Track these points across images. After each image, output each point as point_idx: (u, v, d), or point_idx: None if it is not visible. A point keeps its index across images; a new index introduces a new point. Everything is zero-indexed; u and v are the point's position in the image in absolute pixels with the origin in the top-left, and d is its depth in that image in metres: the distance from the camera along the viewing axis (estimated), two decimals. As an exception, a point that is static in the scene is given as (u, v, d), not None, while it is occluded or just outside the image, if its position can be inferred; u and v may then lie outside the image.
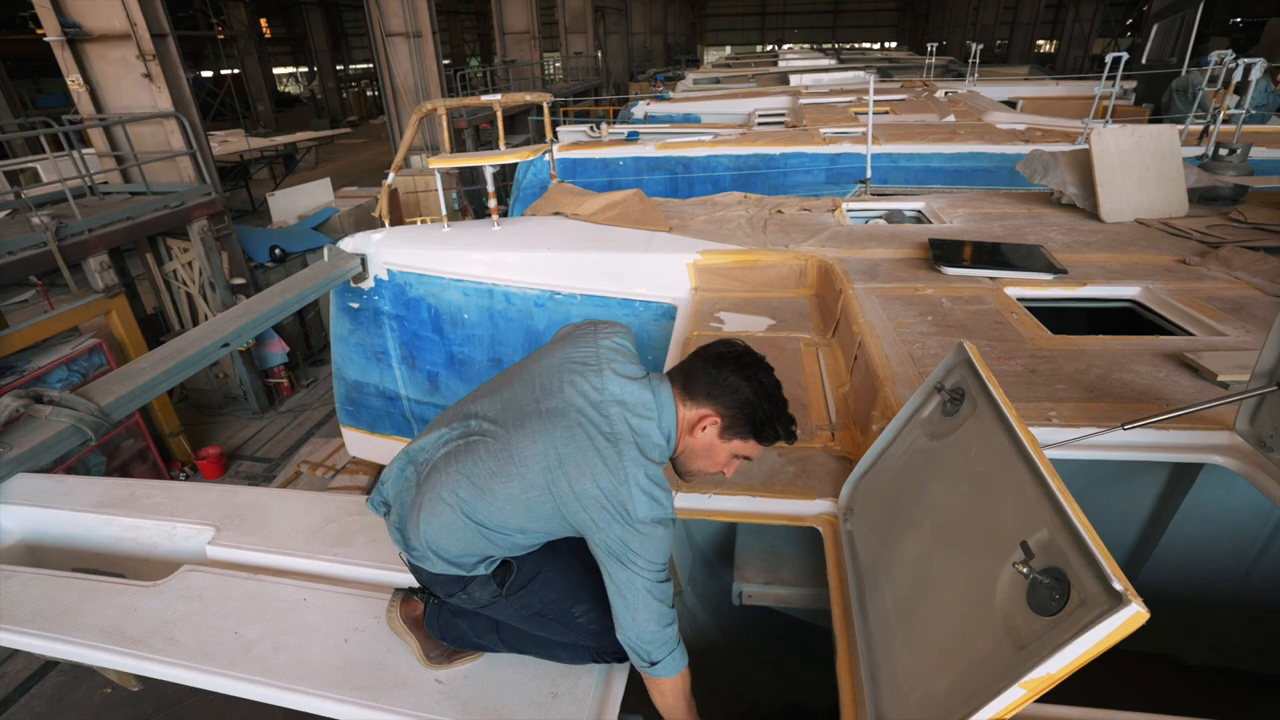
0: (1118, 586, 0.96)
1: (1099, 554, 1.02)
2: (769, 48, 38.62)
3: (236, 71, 25.87)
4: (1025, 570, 1.11)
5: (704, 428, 1.37)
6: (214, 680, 1.60)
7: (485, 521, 1.34)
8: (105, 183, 7.19)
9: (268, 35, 31.52)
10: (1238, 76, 5.04)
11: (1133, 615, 0.94)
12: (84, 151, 6.76)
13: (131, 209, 6.41)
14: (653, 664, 1.35)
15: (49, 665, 4.47)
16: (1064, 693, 1.13)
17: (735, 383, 1.35)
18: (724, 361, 1.37)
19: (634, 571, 1.28)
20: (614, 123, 10.04)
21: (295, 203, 9.98)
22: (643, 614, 1.31)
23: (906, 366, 2.34)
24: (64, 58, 6.45)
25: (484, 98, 4.56)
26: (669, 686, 1.38)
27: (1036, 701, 1.07)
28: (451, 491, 1.34)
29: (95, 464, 5.86)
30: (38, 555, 2.15)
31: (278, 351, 7.82)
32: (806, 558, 2.15)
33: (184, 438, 6.79)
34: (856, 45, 40.52)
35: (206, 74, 26.65)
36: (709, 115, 10.27)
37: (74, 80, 6.56)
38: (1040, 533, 1.14)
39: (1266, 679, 2.39)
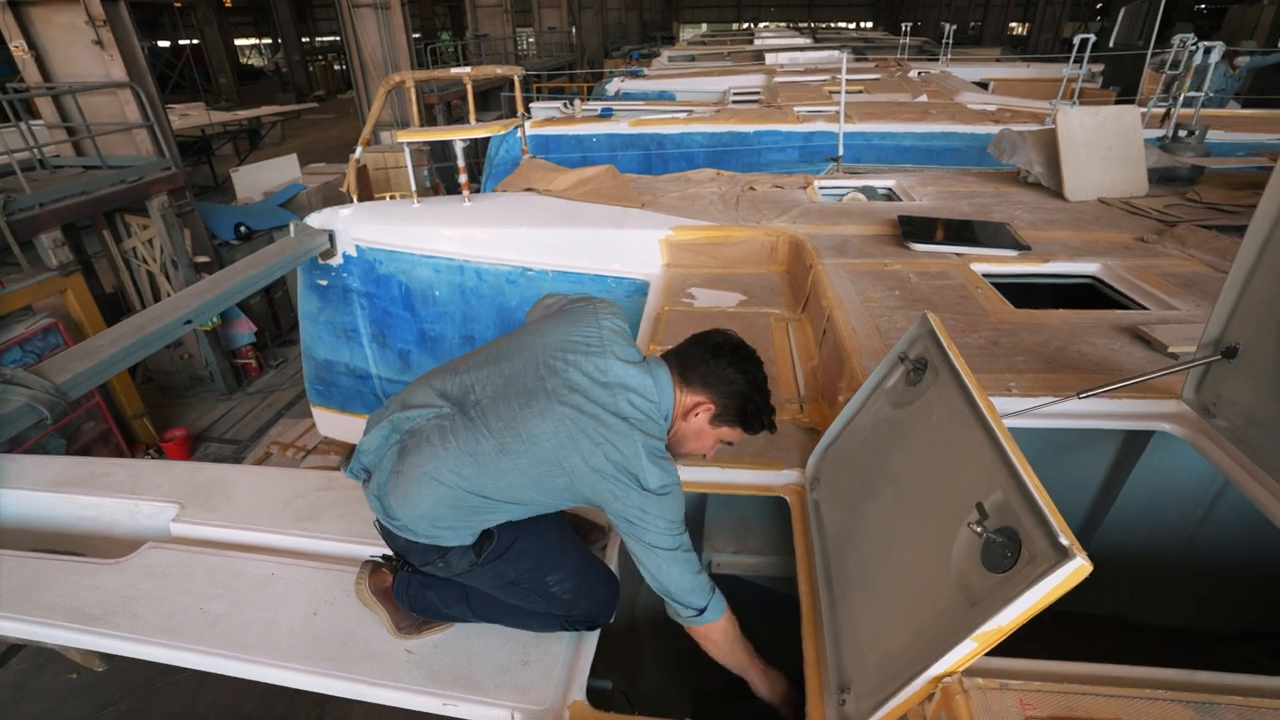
0: (1064, 541, 1.01)
1: (1049, 512, 1.06)
2: (745, 26, 38.28)
3: (196, 42, 24.90)
4: (980, 530, 1.15)
5: (697, 414, 1.44)
6: (180, 655, 1.59)
7: (493, 495, 1.37)
8: (57, 156, 6.89)
9: (228, 4, 30.29)
10: (1198, 60, 5.14)
11: (1077, 568, 0.98)
12: (32, 123, 6.47)
13: (85, 183, 6.16)
14: (700, 611, 1.41)
15: (11, 651, 4.38)
16: (1020, 653, 1.18)
17: (732, 374, 1.43)
18: (722, 352, 1.45)
19: (658, 532, 1.35)
20: (588, 100, 9.91)
21: (261, 179, 9.70)
22: (675, 569, 1.38)
23: (873, 339, 2.38)
24: (5, 21, 6.13)
25: (454, 70, 4.47)
26: (719, 633, 1.46)
27: (989, 654, 1.11)
28: (453, 470, 1.34)
29: (54, 447, 5.69)
30: (-7, 535, 2.10)
31: (245, 332, 7.65)
32: (774, 527, 2.20)
33: (148, 420, 6.62)
34: (832, 25, 40.36)
35: (164, 44, 25.61)
36: (684, 93, 10.20)
37: (18, 46, 6.24)
38: (995, 494, 1.18)
39: (1206, 634, 2.51)
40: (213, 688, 3.98)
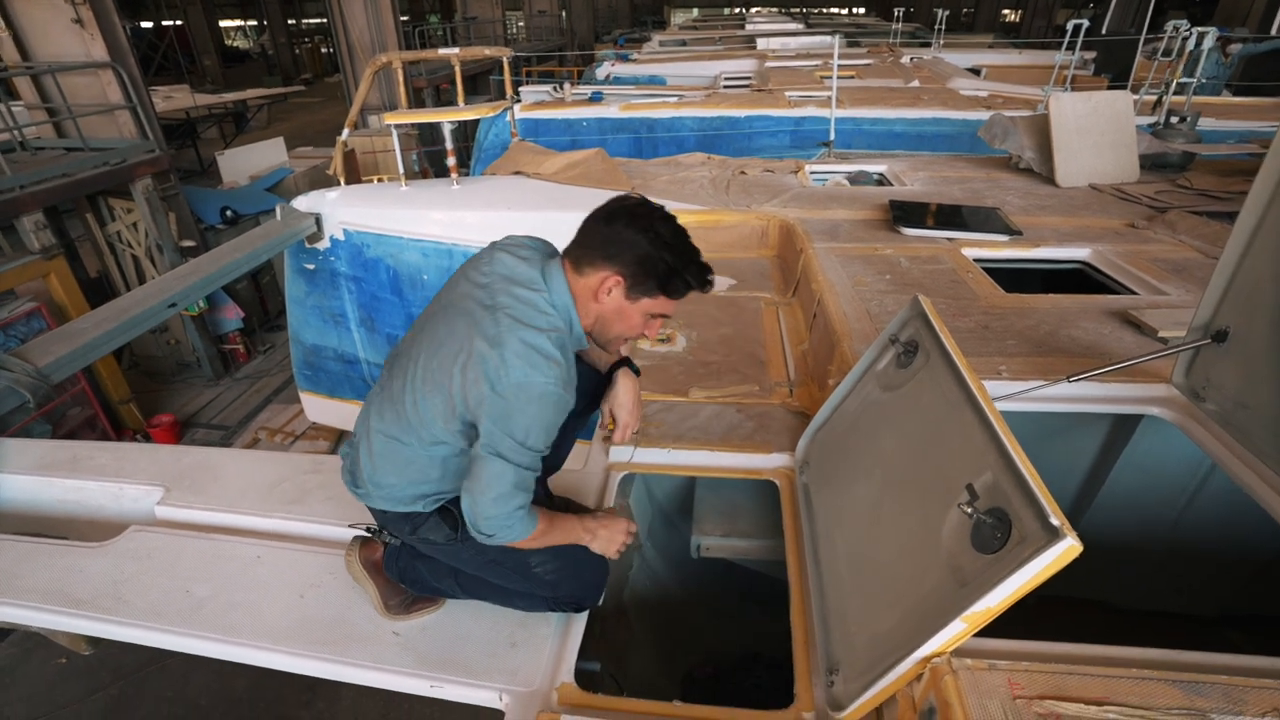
0: (1054, 522, 1.00)
1: (1039, 493, 1.06)
2: (736, 11, 37.95)
3: (179, 23, 24.41)
4: (970, 511, 1.14)
5: (609, 290, 1.30)
6: (165, 638, 1.57)
7: (414, 441, 1.33)
8: (38, 137, 6.75)
9: (212, -16, 29.70)
10: (1190, 46, 5.14)
11: (1067, 549, 0.98)
12: (11, 104, 6.33)
13: (67, 165, 6.04)
14: (486, 536, 1.29)
15: (-2, 637, 4.35)
16: (1008, 636, 1.18)
17: (630, 236, 1.27)
18: (615, 217, 1.29)
19: (495, 439, 1.21)
20: (578, 83, 9.80)
21: (247, 163, 9.55)
22: (487, 487, 1.24)
23: (864, 323, 2.37)
24: (-18, -1, 5.99)
25: (441, 51, 4.40)
26: (530, 541, 1.35)
27: (977, 635, 1.12)
28: (379, 422, 1.37)
29: (40, 433, 5.61)
30: (-27, 520, 2.07)
31: (232, 317, 7.56)
32: (763, 511, 2.20)
33: (135, 405, 6.55)
34: (824, 10, 40.09)
35: (146, 25, 25.10)
36: (674, 77, 10.11)
37: (-4, 25, 6.09)
38: (985, 475, 1.18)
39: (1187, 618, 2.55)
40: (203, 671, 3.97)
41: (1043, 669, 1.12)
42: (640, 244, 1.27)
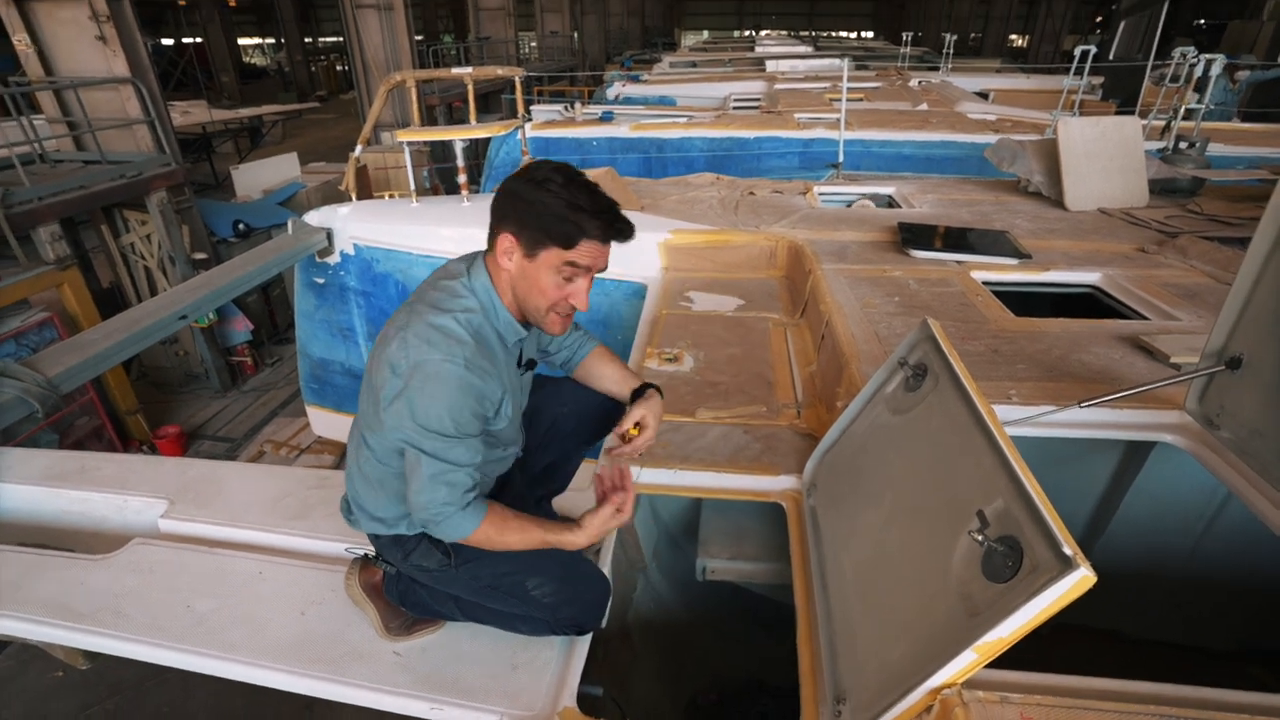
0: (1067, 551, 0.98)
1: (1051, 521, 1.04)
2: (746, 34, 38.45)
3: (199, 40, 24.91)
4: (980, 539, 1.12)
5: (509, 255, 1.25)
6: (164, 654, 1.56)
7: (378, 456, 1.33)
8: (57, 150, 6.87)
9: (232, 3, 30.33)
10: (1199, 72, 5.16)
11: (1080, 579, 0.96)
12: (33, 117, 6.45)
13: (84, 178, 6.14)
14: (424, 526, 1.29)
15: (-3, 648, 4.33)
16: (1018, 664, 1.15)
17: (513, 185, 1.22)
18: (506, 183, 1.25)
19: (402, 427, 1.20)
20: (589, 103, 9.92)
21: (260, 177, 9.68)
22: (409, 479, 1.23)
23: (872, 345, 2.36)
24: (9, 16, 6.12)
25: (455, 70, 4.46)
26: (477, 539, 1.29)
27: (989, 666, 1.09)
28: (353, 444, 1.39)
29: (47, 442, 5.64)
30: (-23, 530, 2.07)
31: (241, 329, 7.61)
32: (770, 533, 2.17)
33: (142, 416, 6.58)
34: (833, 33, 40.59)
35: (167, 42, 25.63)
36: (684, 98, 10.22)
37: (21, 40, 6.23)
38: (996, 502, 1.16)
39: (1206, 651, 2.49)
40: (201, 687, 3.93)
41: (1056, 703, 1.09)
42: (523, 194, 1.21)
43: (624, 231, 1.24)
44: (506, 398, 1.33)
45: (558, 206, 1.18)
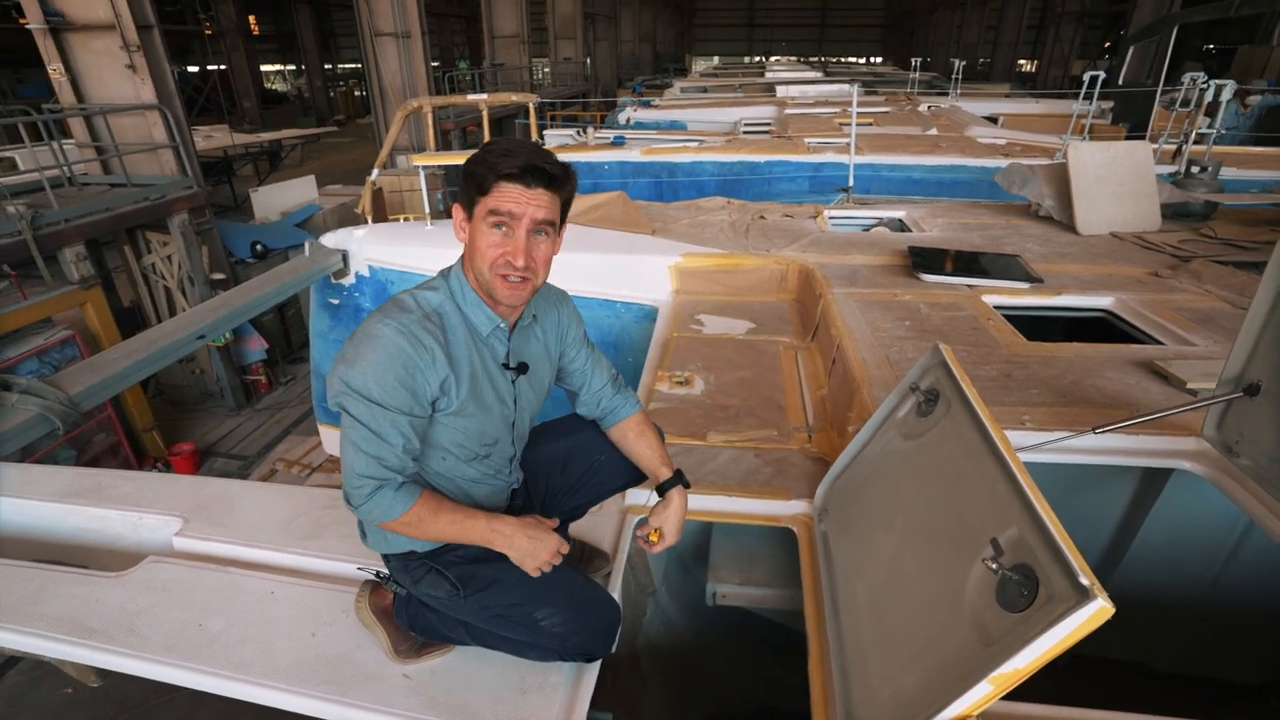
0: (1084, 581, 0.97)
1: (1067, 551, 1.03)
2: (756, 59, 39.01)
3: (223, 68, 25.59)
4: (995, 567, 1.11)
5: (462, 226, 1.28)
6: (176, 674, 1.56)
7: None
8: (85, 174, 7.06)
9: (256, 32, 31.20)
10: (1209, 97, 5.17)
11: (1098, 610, 0.95)
12: (63, 142, 6.64)
13: (110, 200, 6.30)
14: (355, 507, 1.24)
15: (9, 664, 4.34)
16: (1036, 696, 1.13)
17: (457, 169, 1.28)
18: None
19: (336, 389, 1.20)
20: (600, 127, 10.06)
21: (278, 199, 9.88)
22: (341, 451, 1.23)
23: (883, 370, 2.36)
24: (46, 46, 6.34)
25: (470, 97, 4.56)
26: (406, 522, 1.25)
27: (1005, 698, 1.07)
28: None
29: (65, 458, 5.72)
30: (-4, 546, 2.09)
31: (256, 348, 7.71)
32: (781, 558, 2.15)
33: (157, 433, 6.65)
34: (842, 59, 41.08)
35: (193, 69, 26.35)
36: (695, 123, 10.35)
37: (55, 69, 6.44)
38: (1010, 530, 1.15)
39: (1230, 685, 2.42)
40: (210, 706, 3.92)
41: (1076, 738, 1.07)
42: (461, 169, 1.26)
43: (538, 169, 1.20)
44: (459, 382, 1.27)
45: (477, 158, 1.22)
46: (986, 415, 1.35)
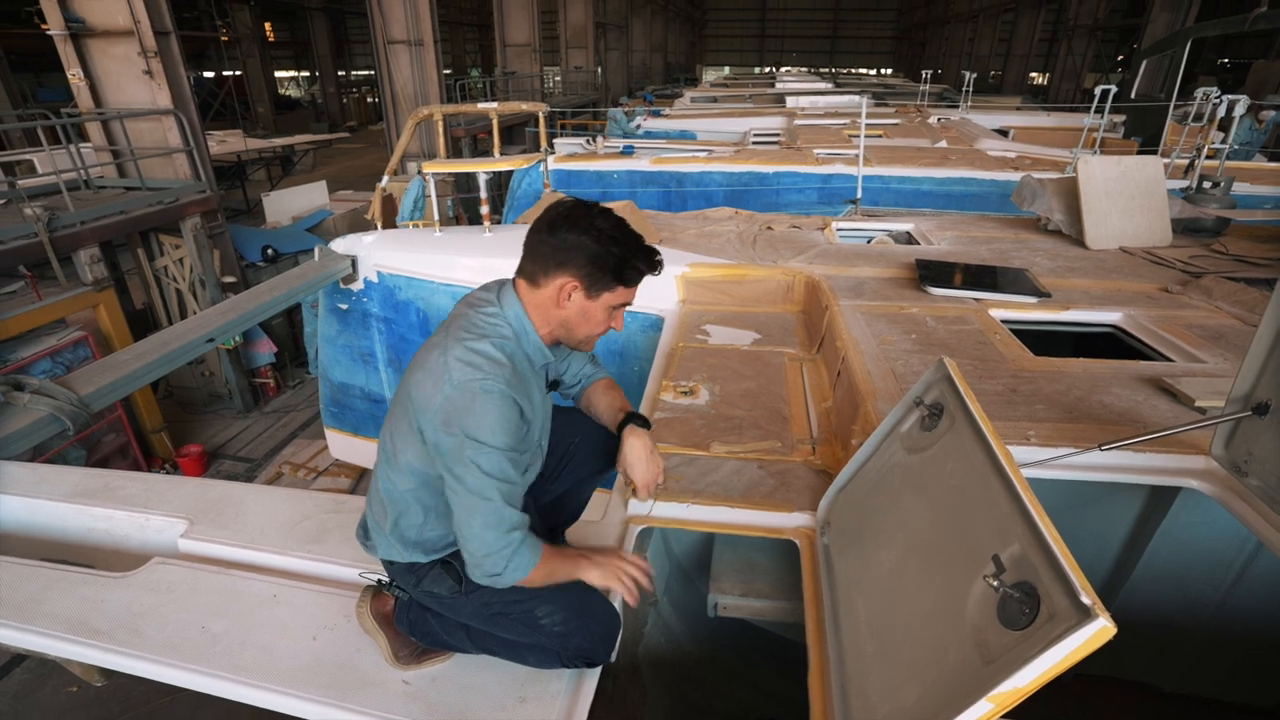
0: (1085, 600, 0.96)
1: (1069, 569, 1.02)
2: (767, 70, 39.14)
3: (238, 73, 25.92)
4: (995, 584, 1.11)
5: (569, 295, 1.35)
6: (178, 675, 1.57)
7: (409, 478, 1.37)
8: (100, 177, 7.16)
9: (271, 39, 31.59)
10: (1222, 112, 5.15)
11: (1100, 630, 0.94)
12: (81, 145, 6.74)
13: (125, 203, 6.38)
14: (492, 576, 1.29)
15: (14, 661, 4.37)
16: (1043, 714, 1.12)
17: (575, 240, 1.31)
18: (557, 225, 1.33)
19: (454, 451, 1.23)
20: (609, 136, 10.12)
21: (290, 204, 9.98)
22: (475, 519, 1.26)
23: (889, 383, 2.35)
24: (66, 51, 6.45)
25: (480, 105, 4.60)
26: (532, 579, 1.34)
27: (1007, 716, 1.06)
28: (383, 469, 1.41)
29: (75, 458, 5.77)
30: (5, 544, 2.11)
31: (265, 351, 7.77)
32: (783, 571, 2.15)
33: (166, 435, 6.71)
34: (853, 70, 41.13)
35: (208, 74, 26.69)
36: (705, 133, 10.39)
37: (74, 74, 6.55)
38: (1013, 547, 1.15)
39: (1241, 707, 2.39)
40: (212, 707, 3.92)
41: (1078, 758, 1.06)
42: (587, 245, 1.31)
43: (662, 264, 1.41)
44: (533, 425, 1.40)
45: (621, 252, 1.33)
46: (990, 431, 1.35)
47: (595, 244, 1.31)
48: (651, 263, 1.38)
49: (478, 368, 1.24)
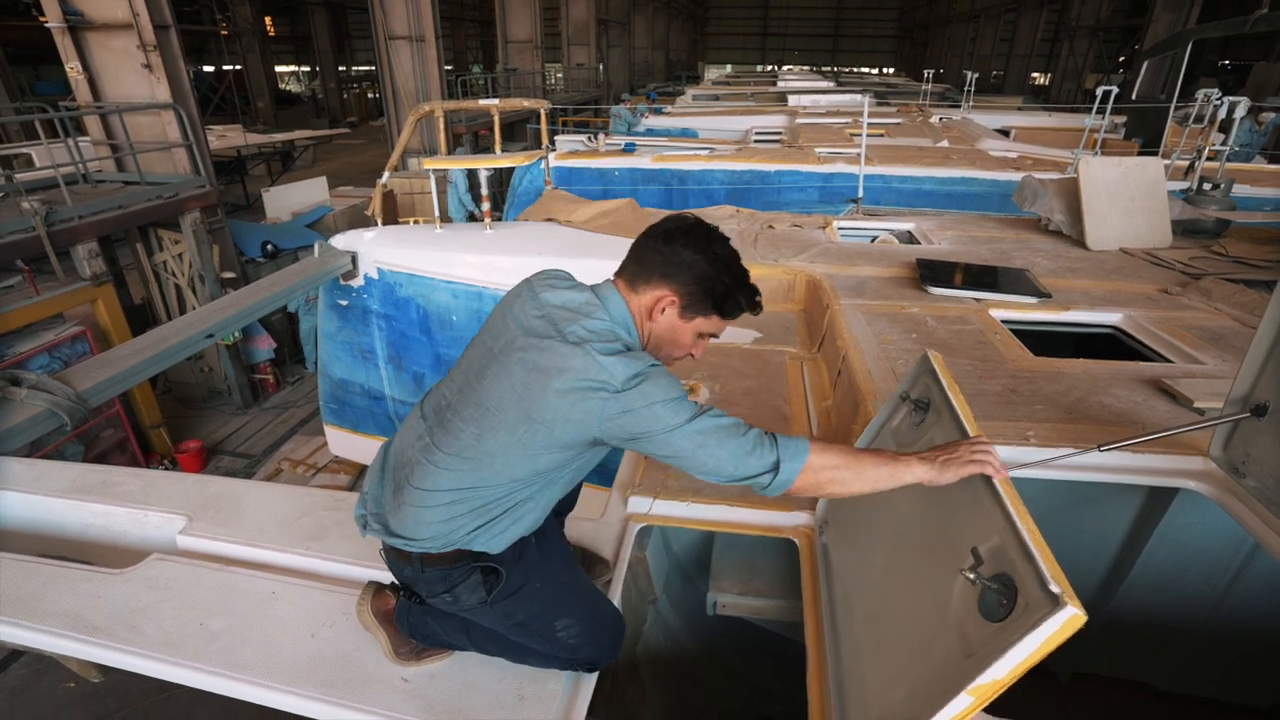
0: (1054, 589, 0.96)
1: (1040, 558, 1.01)
2: (769, 68, 39.07)
3: (239, 68, 25.85)
4: (973, 576, 1.10)
5: (663, 309, 1.31)
6: (177, 672, 1.57)
7: (495, 482, 1.29)
8: (99, 171, 7.14)
9: (272, 34, 31.52)
10: (1222, 114, 5.15)
11: (1070, 618, 0.94)
12: (79, 139, 6.72)
13: (123, 198, 6.36)
14: (772, 471, 1.21)
15: (12, 657, 4.37)
16: (1040, 714, 1.12)
17: (689, 257, 1.28)
18: (674, 237, 1.30)
19: (666, 425, 1.17)
20: (610, 133, 10.11)
21: (290, 200, 9.95)
22: (719, 451, 1.18)
23: (889, 382, 2.35)
24: (64, 44, 6.42)
25: (481, 102, 4.59)
26: (818, 474, 1.22)
27: (1000, 714, 1.06)
28: (449, 477, 1.30)
29: (73, 453, 5.76)
30: (2, 539, 2.11)
31: (265, 347, 7.76)
32: (782, 569, 2.15)
33: (165, 430, 6.70)
34: (855, 69, 41.08)
35: (208, 69, 26.63)
36: (707, 131, 10.37)
37: (73, 68, 6.52)
38: (992, 540, 1.14)
39: (1235, 707, 2.40)
40: (209, 704, 3.93)
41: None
42: (699, 264, 1.28)
43: (762, 306, 1.39)
44: None
45: (730, 282, 1.30)
46: (969, 419, 1.34)
47: (708, 266, 1.28)
48: (754, 303, 1.35)
49: (631, 359, 1.20)
